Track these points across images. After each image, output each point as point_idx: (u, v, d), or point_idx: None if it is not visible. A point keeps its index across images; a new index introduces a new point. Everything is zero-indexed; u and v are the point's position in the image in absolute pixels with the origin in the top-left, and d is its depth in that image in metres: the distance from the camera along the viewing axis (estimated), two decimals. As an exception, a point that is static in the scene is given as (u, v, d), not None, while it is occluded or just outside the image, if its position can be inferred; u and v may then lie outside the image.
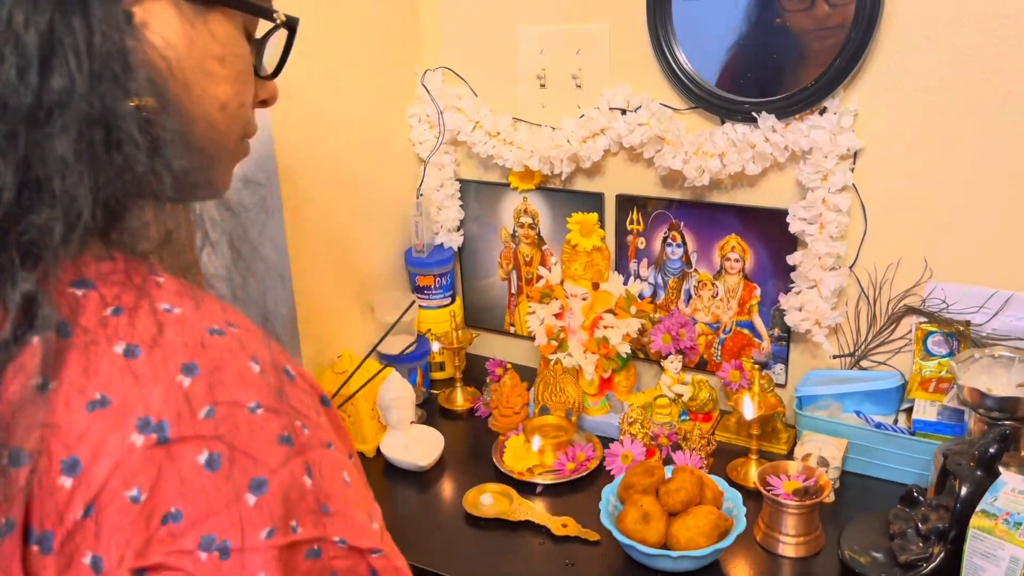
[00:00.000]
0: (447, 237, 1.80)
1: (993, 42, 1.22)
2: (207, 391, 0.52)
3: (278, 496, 0.53)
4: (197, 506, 0.51)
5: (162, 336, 0.52)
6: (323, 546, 0.56)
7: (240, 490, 0.52)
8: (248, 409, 0.53)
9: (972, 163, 1.29)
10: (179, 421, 0.50)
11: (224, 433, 0.51)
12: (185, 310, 0.54)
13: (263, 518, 0.52)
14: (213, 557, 0.51)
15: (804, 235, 1.40)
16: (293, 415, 0.55)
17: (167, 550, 0.50)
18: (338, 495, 0.58)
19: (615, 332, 1.53)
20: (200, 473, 0.51)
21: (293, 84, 1.43)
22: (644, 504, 1.19)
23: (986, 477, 1.07)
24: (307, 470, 0.55)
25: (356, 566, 0.58)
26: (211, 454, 0.51)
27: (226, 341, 0.54)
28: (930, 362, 1.37)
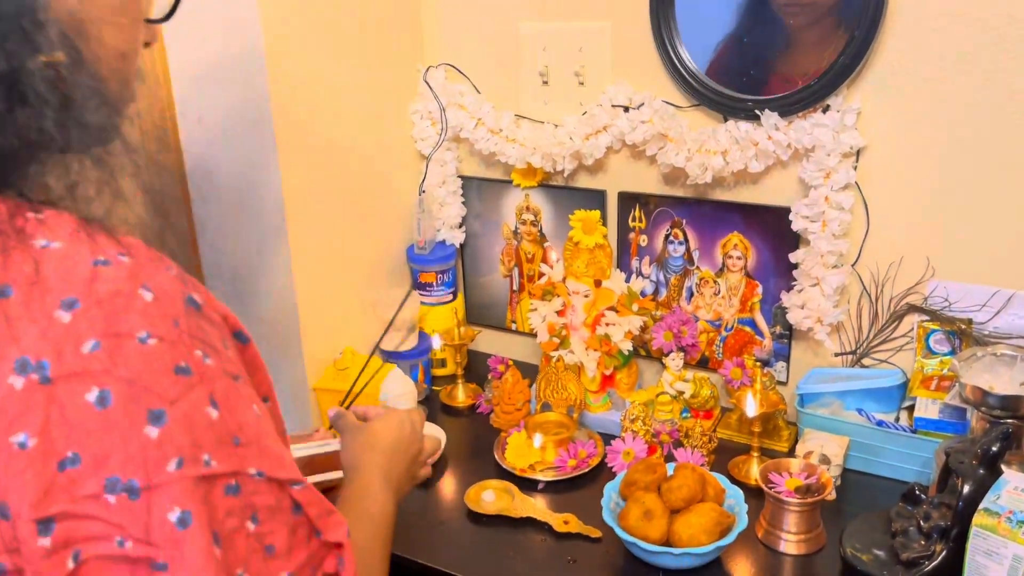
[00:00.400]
0: (449, 234, 1.80)
1: (997, 40, 1.22)
2: (90, 325, 0.49)
3: (181, 427, 0.51)
4: (94, 447, 0.49)
5: (38, 274, 0.50)
6: (240, 480, 0.54)
7: (138, 424, 0.50)
8: (138, 340, 0.51)
9: (975, 161, 1.29)
10: (60, 359, 0.48)
11: (113, 367, 0.49)
12: (66, 244, 0.52)
13: (168, 450, 0.50)
14: (122, 499, 0.49)
15: (806, 233, 1.40)
16: (192, 344, 0.53)
17: (71, 497, 0.48)
18: (250, 425, 0.56)
19: (617, 329, 1.53)
20: (91, 412, 0.49)
21: (296, 79, 1.43)
22: (646, 501, 1.19)
23: (988, 475, 1.07)
24: (211, 400, 0.53)
25: (280, 501, 0.57)
26: (101, 391, 0.49)
27: (113, 271, 0.52)
28: (932, 360, 1.37)
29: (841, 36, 1.30)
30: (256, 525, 0.56)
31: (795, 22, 1.35)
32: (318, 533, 0.61)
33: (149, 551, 0.50)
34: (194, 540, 0.51)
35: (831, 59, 1.31)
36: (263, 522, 0.56)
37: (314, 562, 0.60)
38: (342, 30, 1.50)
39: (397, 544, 1.27)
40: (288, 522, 0.58)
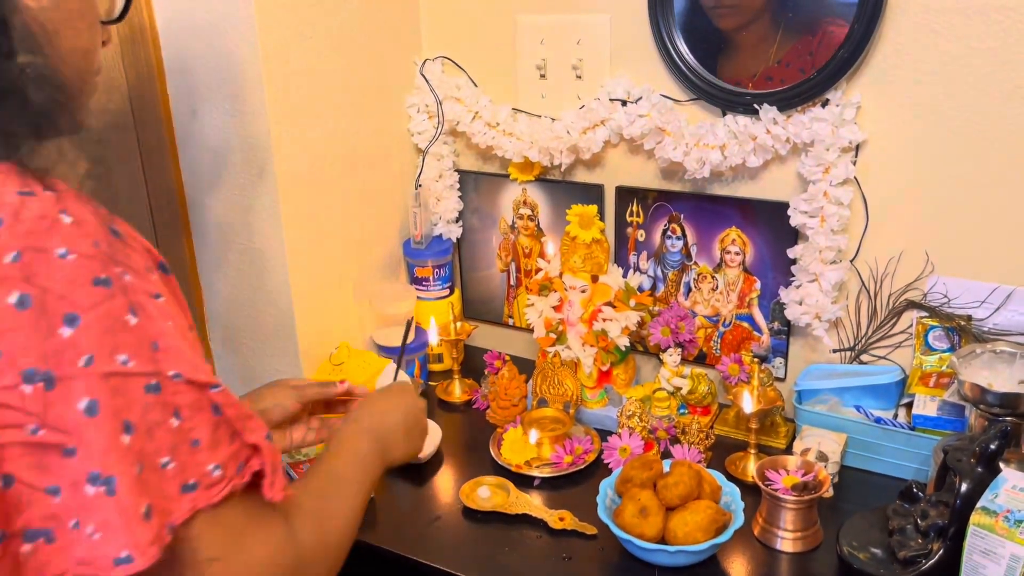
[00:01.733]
0: (446, 228, 1.79)
1: (998, 35, 1.21)
2: (12, 239, 0.57)
3: (95, 329, 0.58)
4: (13, 342, 0.56)
5: None
6: (160, 381, 0.61)
7: (53, 325, 0.57)
8: (57, 255, 0.58)
9: (975, 157, 1.28)
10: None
11: (31, 275, 0.57)
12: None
13: (80, 348, 0.57)
14: (38, 388, 0.57)
15: (805, 228, 1.39)
16: (111, 263, 0.60)
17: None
18: (168, 335, 0.63)
19: (614, 325, 1.52)
20: (12, 312, 0.56)
21: (291, 72, 1.42)
22: (642, 498, 1.18)
23: (987, 473, 1.06)
24: (131, 309, 0.60)
25: (199, 401, 0.64)
26: (21, 295, 0.56)
27: (36, 200, 0.59)
28: (931, 357, 1.36)
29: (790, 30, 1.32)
30: (179, 421, 0.62)
31: (725, 24, 1.39)
32: (239, 435, 0.67)
33: (60, 437, 0.57)
34: (100, 427, 0.58)
35: (788, 44, 1.30)
36: (186, 419, 0.63)
37: (240, 457, 0.66)
38: (338, 22, 1.49)
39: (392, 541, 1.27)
40: (210, 420, 0.64)
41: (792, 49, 1.33)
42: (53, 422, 0.57)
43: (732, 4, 1.37)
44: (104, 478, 0.58)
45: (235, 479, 0.66)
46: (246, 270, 1.52)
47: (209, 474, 0.64)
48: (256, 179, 1.43)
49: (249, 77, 1.37)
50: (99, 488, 0.57)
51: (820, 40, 1.31)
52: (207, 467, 0.64)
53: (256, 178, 1.43)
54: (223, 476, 0.65)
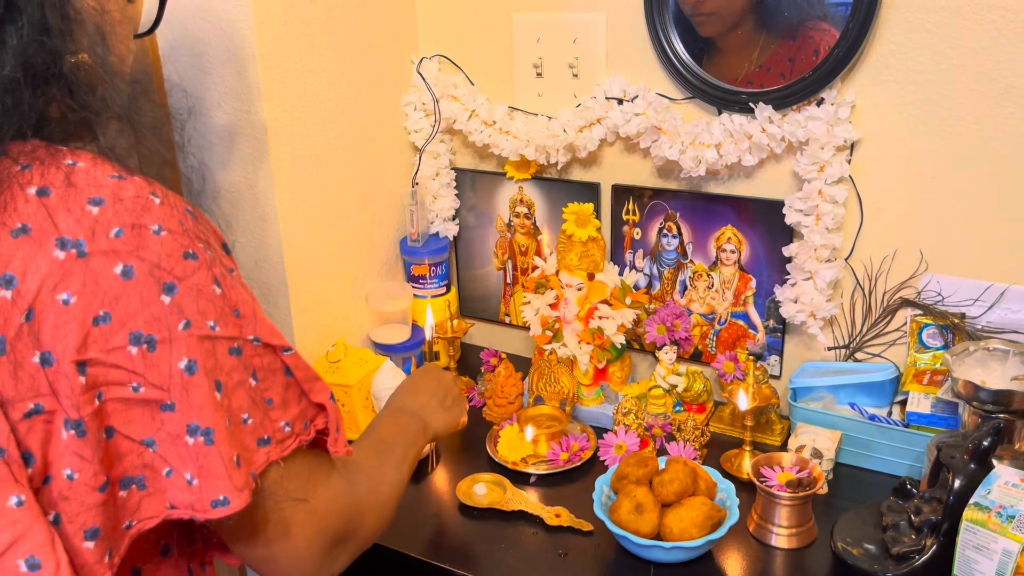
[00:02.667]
0: (442, 226, 1.79)
1: (992, 34, 1.22)
2: (115, 216, 0.62)
3: (190, 297, 0.64)
4: (121, 308, 0.62)
5: (70, 179, 0.63)
6: (241, 344, 0.68)
7: (155, 293, 0.63)
8: (152, 231, 0.64)
9: (970, 156, 1.28)
10: (93, 239, 0.61)
11: (134, 248, 0.62)
12: (87, 163, 0.65)
13: (178, 314, 0.64)
14: (143, 350, 0.63)
15: (800, 226, 1.40)
16: (195, 239, 0.67)
17: (102, 348, 0.61)
18: (246, 303, 0.70)
19: (610, 323, 1.53)
20: (118, 281, 0.62)
21: (287, 70, 1.42)
22: (637, 495, 1.19)
23: (979, 470, 1.07)
24: (215, 280, 0.67)
25: (273, 363, 0.71)
26: (125, 266, 0.62)
27: (127, 182, 0.65)
28: (925, 355, 1.37)
29: (773, 32, 1.33)
30: (256, 382, 0.69)
31: (706, 31, 1.41)
32: (307, 395, 0.74)
33: (159, 394, 0.63)
34: (198, 384, 0.64)
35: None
36: (262, 380, 0.70)
37: (306, 416, 0.74)
38: (334, 20, 1.49)
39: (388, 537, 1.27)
40: (281, 382, 0.72)
41: (773, 54, 1.35)
42: (154, 380, 0.63)
43: (710, 11, 1.39)
44: (204, 429, 0.64)
45: (302, 435, 0.73)
46: (242, 266, 1.52)
47: (281, 430, 0.71)
48: (252, 176, 1.44)
49: (245, 75, 1.37)
50: (199, 438, 0.64)
51: (800, 46, 1.33)
52: (279, 424, 0.71)
53: (252, 175, 1.44)
54: (292, 432, 0.72)
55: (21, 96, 0.64)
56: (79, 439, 0.61)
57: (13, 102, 0.64)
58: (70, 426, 0.61)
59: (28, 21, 0.64)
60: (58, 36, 0.66)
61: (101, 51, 0.70)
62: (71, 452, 0.61)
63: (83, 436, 0.61)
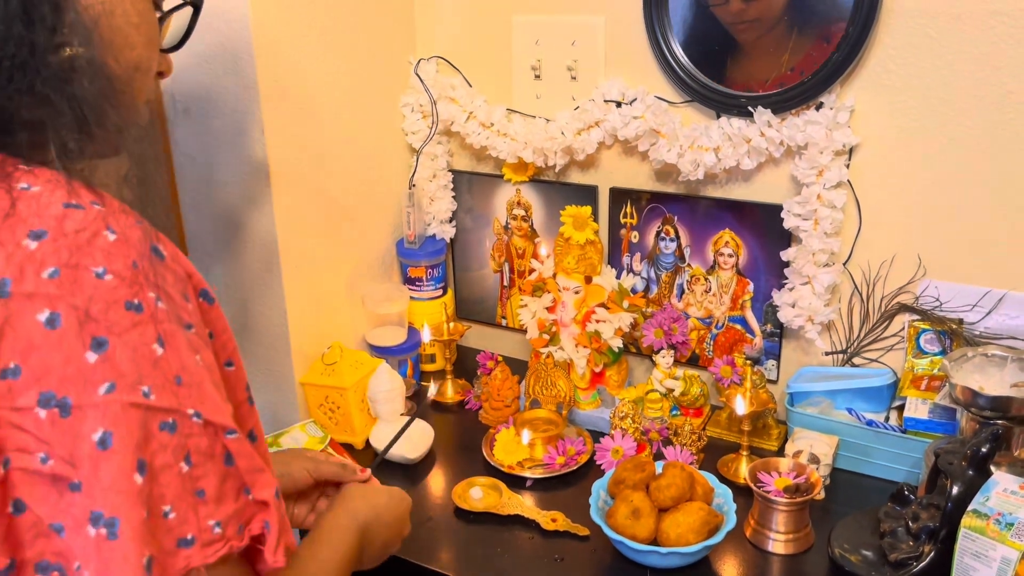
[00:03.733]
0: (439, 228, 1.78)
1: (992, 40, 1.21)
2: (53, 254, 0.54)
3: (123, 356, 0.55)
4: (36, 361, 0.53)
5: (13, 208, 0.55)
6: (177, 419, 0.57)
7: (81, 348, 0.53)
8: (95, 273, 0.55)
9: (968, 161, 1.28)
10: (21, 279, 0.53)
11: (67, 294, 0.54)
12: (44, 189, 0.57)
13: (103, 374, 0.54)
14: (53, 414, 0.53)
15: (798, 231, 1.39)
16: (146, 287, 0.57)
17: (7, 406, 0.53)
18: (193, 370, 0.59)
19: (607, 326, 1.52)
20: (40, 330, 0.53)
21: (285, 70, 1.41)
22: (634, 500, 1.18)
23: (977, 476, 1.06)
24: (159, 339, 0.57)
25: (213, 447, 0.59)
26: (52, 313, 0.53)
27: (83, 214, 0.56)
28: (922, 360, 1.37)
29: (759, 32, 1.32)
30: (189, 467, 0.58)
31: (721, 15, 1.38)
32: (247, 490, 0.62)
33: (67, 470, 0.53)
34: (111, 461, 0.54)
35: (802, 46, 1.30)
36: (196, 465, 0.58)
37: (242, 518, 0.61)
38: (332, 21, 1.49)
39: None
40: (219, 471, 0.60)
41: (805, 56, 1.33)
42: (62, 452, 0.53)
43: (753, 18, 1.36)
44: (107, 519, 0.53)
45: (233, 540, 0.61)
46: (239, 269, 1.51)
47: (209, 530, 0.59)
48: (249, 178, 1.43)
49: (243, 75, 1.36)
50: (100, 530, 0.53)
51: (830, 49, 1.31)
52: (208, 522, 0.59)
53: (249, 177, 1.43)
54: (222, 535, 0.60)
55: None
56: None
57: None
58: None
59: (6, 7, 0.57)
60: (41, 28, 0.58)
61: (94, 52, 0.62)
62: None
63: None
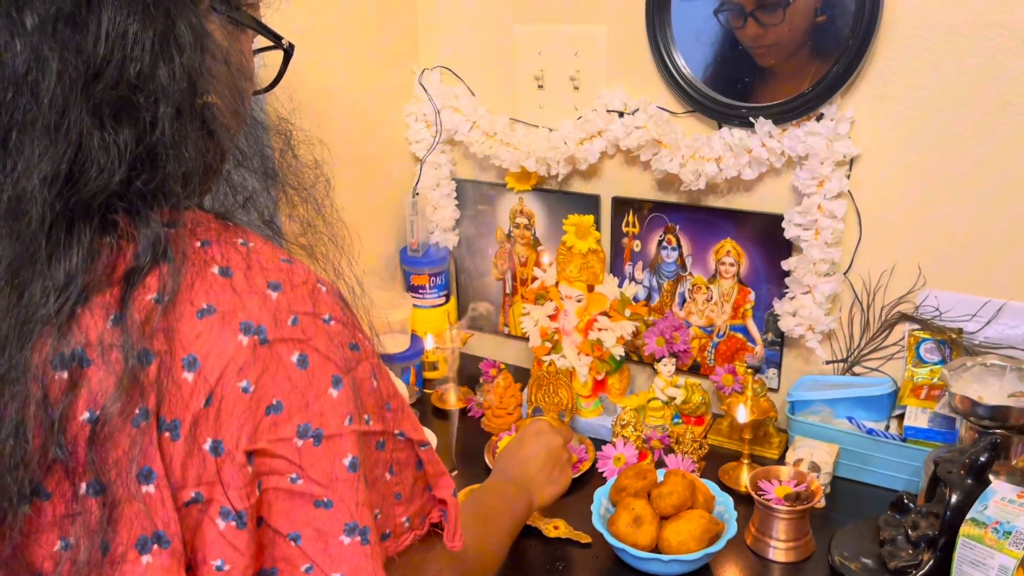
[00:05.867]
0: (442, 236, 1.80)
1: (989, 51, 1.23)
2: (291, 303, 0.61)
3: (353, 391, 0.62)
4: (294, 398, 0.59)
5: (248, 260, 0.61)
6: (386, 439, 0.66)
7: (325, 385, 0.61)
8: (323, 320, 0.62)
9: (968, 172, 1.29)
10: (275, 326, 0.59)
11: (309, 338, 0.61)
12: (257, 244, 0.64)
13: (344, 409, 0.62)
14: (308, 443, 0.60)
15: (799, 241, 1.40)
16: (355, 329, 0.66)
17: (270, 437, 0.59)
18: (397, 395, 0.69)
19: (609, 334, 1.53)
20: (294, 370, 0.60)
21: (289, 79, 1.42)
22: (636, 507, 1.19)
23: (976, 485, 1.07)
24: (373, 373, 0.66)
25: (409, 458, 0.70)
26: (301, 354, 0.60)
27: (296, 267, 0.64)
28: (922, 369, 1.38)
29: (777, 57, 1.33)
30: (391, 476, 0.68)
31: (765, 62, 1.39)
32: (430, 488, 0.73)
33: (318, 490, 0.60)
34: (360, 480, 0.62)
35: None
36: (396, 474, 0.68)
37: (424, 511, 0.73)
38: (336, 31, 1.50)
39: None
40: (411, 475, 0.70)
41: None
42: (315, 475, 0.60)
43: (771, 43, 1.37)
44: (361, 529, 0.62)
45: (418, 530, 0.72)
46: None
47: (401, 525, 0.70)
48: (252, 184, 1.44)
49: (249, 85, 1.37)
50: (355, 538, 0.62)
51: None
52: (401, 519, 0.70)
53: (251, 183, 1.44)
54: (410, 527, 0.71)
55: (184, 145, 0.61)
56: (238, 530, 0.59)
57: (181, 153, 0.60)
58: (231, 517, 0.59)
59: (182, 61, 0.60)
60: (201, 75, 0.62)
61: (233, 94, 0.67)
62: (225, 543, 0.59)
63: (243, 527, 0.59)
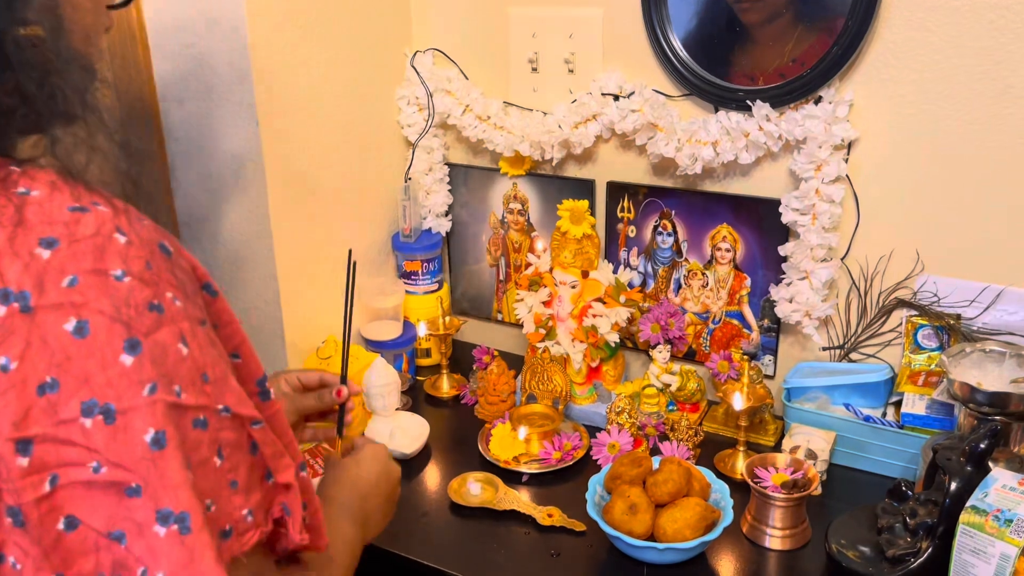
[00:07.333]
0: (435, 222, 1.77)
1: (991, 34, 1.21)
2: (69, 261, 0.53)
3: (155, 356, 0.55)
4: (72, 373, 0.52)
5: (19, 215, 0.54)
6: (208, 415, 0.58)
7: (115, 352, 0.53)
8: (114, 277, 0.54)
9: (968, 156, 1.28)
10: (41, 290, 0.52)
11: (91, 300, 0.53)
12: (45, 191, 0.56)
13: (143, 375, 0.54)
14: (98, 422, 0.52)
15: (796, 226, 1.39)
16: (163, 286, 0.57)
17: (50, 421, 0.52)
18: (217, 365, 0.59)
19: (604, 321, 1.51)
20: (70, 340, 0.52)
21: (279, 63, 1.40)
22: (631, 495, 1.18)
23: (976, 473, 1.06)
24: (181, 338, 0.57)
25: (240, 438, 0.60)
26: (79, 321, 0.53)
27: (89, 216, 0.55)
28: (919, 355, 1.36)
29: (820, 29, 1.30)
30: (222, 460, 0.58)
31: (748, 18, 1.36)
32: (270, 475, 0.63)
33: (123, 475, 0.53)
34: (169, 459, 0.54)
35: (809, 37, 1.29)
36: (227, 458, 0.59)
37: (266, 504, 0.63)
38: (328, 12, 1.48)
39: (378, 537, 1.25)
40: (247, 460, 0.61)
41: (808, 48, 1.32)
42: (115, 457, 0.53)
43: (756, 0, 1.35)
44: (177, 516, 0.54)
45: (263, 526, 0.62)
46: (233, 262, 1.50)
47: (243, 519, 0.60)
48: (244, 170, 1.42)
49: (238, 67, 1.35)
50: (171, 527, 0.53)
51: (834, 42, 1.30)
52: (242, 512, 0.60)
53: (244, 169, 1.42)
54: (254, 523, 0.61)
55: None
56: (15, 528, 0.52)
57: None
58: (8, 512, 0.52)
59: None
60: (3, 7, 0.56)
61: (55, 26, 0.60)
62: (11, 541, 0.53)
63: (20, 526, 0.52)
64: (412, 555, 1.21)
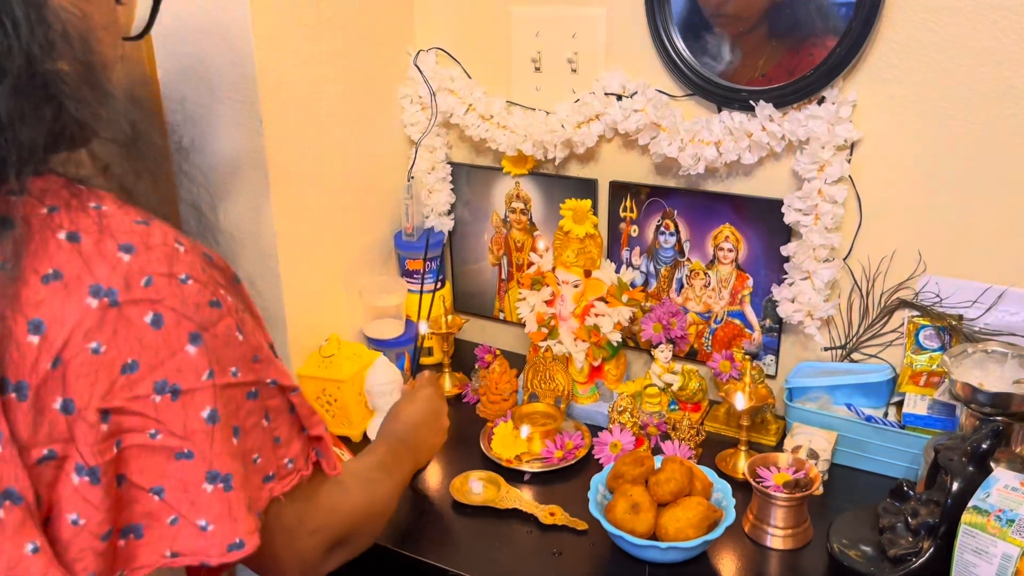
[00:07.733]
0: (437, 221, 1.78)
1: (994, 34, 1.21)
2: (144, 265, 0.64)
3: (214, 346, 0.67)
4: (149, 356, 0.63)
5: (100, 224, 0.64)
6: (259, 388, 0.72)
7: (181, 343, 0.65)
8: (180, 280, 0.65)
9: (970, 157, 1.28)
10: (126, 288, 0.62)
11: (164, 298, 0.64)
12: (111, 208, 0.66)
13: (202, 363, 0.66)
14: (166, 399, 0.64)
15: (799, 226, 1.39)
16: (217, 286, 0.69)
17: (127, 396, 0.63)
18: (263, 347, 0.74)
19: (606, 320, 1.51)
20: (148, 330, 0.63)
21: (283, 61, 1.40)
22: (633, 494, 1.18)
23: (977, 473, 1.06)
24: (237, 327, 0.70)
25: (282, 403, 0.75)
26: (155, 314, 0.63)
27: (152, 228, 0.66)
28: (921, 356, 1.37)
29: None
30: (268, 422, 0.73)
31: (726, 31, 1.40)
32: (304, 430, 0.78)
33: (177, 442, 0.65)
34: (220, 431, 0.67)
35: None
36: (272, 419, 0.74)
37: (306, 451, 0.79)
38: (331, 11, 1.48)
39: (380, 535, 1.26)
40: (287, 420, 0.76)
41: (777, 65, 1.35)
42: (174, 428, 0.65)
43: (731, 13, 1.38)
44: (223, 476, 0.67)
45: (303, 470, 0.78)
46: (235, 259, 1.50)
47: (284, 466, 0.76)
48: (246, 168, 1.42)
49: (241, 66, 1.35)
50: (218, 485, 0.67)
51: (801, 60, 1.33)
52: (284, 460, 0.75)
53: (246, 167, 1.42)
54: (294, 468, 0.77)
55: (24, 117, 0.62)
56: (92, 486, 0.62)
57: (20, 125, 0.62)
58: (84, 472, 0.62)
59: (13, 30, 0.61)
60: (41, 46, 0.63)
61: (86, 61, 0.67)
62: (80, 498, 0.62)
63: (96, 483, 0.62)
64: (414, 553, 1.22)
